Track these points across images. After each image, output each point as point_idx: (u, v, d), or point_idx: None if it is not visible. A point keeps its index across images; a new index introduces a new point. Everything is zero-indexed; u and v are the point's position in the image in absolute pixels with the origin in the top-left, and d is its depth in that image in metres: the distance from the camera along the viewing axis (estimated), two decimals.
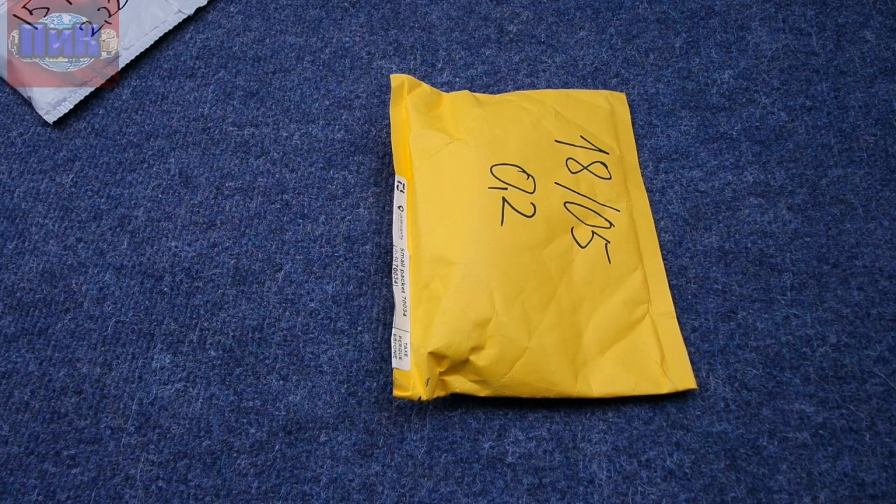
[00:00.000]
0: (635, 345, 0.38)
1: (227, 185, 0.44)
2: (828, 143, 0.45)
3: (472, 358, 0.36)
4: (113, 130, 0.47)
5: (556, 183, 0.41)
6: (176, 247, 0.42)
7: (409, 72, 0.49)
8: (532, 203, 0.40)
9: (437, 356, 0.36)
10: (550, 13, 0.51)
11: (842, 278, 0.41)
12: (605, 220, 0.41)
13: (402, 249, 0.37)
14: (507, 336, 0.36)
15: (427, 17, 0.51)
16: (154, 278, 0.41)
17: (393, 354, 0.35)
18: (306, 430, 0.37)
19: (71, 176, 0.45)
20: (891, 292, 0.40)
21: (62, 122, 0.47)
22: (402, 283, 0.37)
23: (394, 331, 0.36)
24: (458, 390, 0.36)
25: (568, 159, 0.43)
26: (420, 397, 0.35)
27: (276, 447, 0.36)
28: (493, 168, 0.40)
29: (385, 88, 0.48)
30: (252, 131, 0.46)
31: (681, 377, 0.38)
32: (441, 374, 0.36)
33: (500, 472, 0.36)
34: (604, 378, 0.37)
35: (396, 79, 0.43)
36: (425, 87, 0.44)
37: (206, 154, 0.46)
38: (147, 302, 0.40)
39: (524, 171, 0.41)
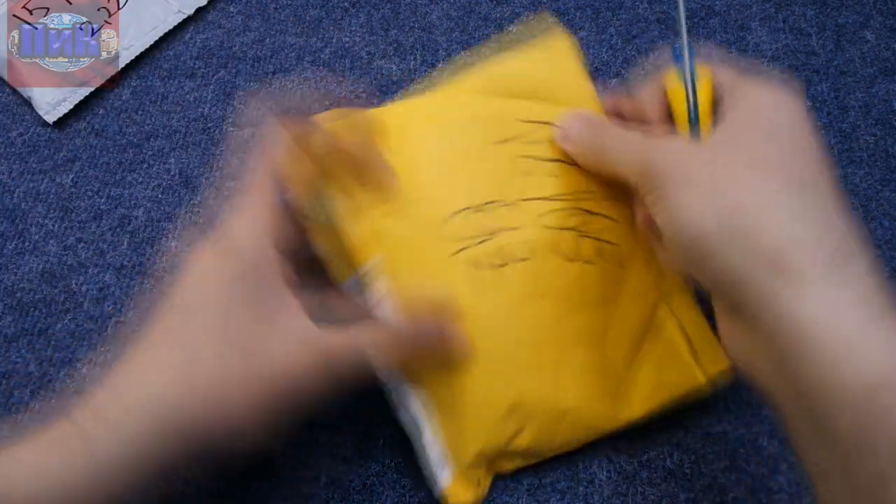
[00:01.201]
0: (661, 342, 0.36)
1: (227, 185, 0.44)
2: (828, 143, 0.45)
3: (516, 441, 0.33)
4: (113, 130, 0.47)
5: (521, 200, 0.34)
6: (176, 247, 0.42)
7: (409, 72, 0.48)
8: (509, 243, 0.34)
9: (479, 456, 0.33)
10: (550, 13, 0.51)
11: None
12: (587, 212, 0.35)
13: None
14: (543, 407, 0.33)
15: (427, 17, 0.51)
16: (154, 278, 0.41)
17: (434, 474, 0.33)
18: (306, 430, 0.37)
19: (71, 176, 0.45)
20: (891, 292, 0.40)
21: (62, 122, 0.47)
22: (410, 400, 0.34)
23: (422, 450, 0.33)
24: (509, 470, 0.35)
25: (521, 158, 0.35)
26: (477, 500, 0.33)
27: (276, 447, 0.36)
28: (454, 216, 0.33)
29: (386, 89, 0.48)
30: (252, 131, 0.46)
31: (713, 360, 0.35)
32: (487, 466, 0.34)
33: (500, 472, 0.36)
34: (642, 395, 0.35)
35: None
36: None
37: (206, 154, 0.46)
38: (147, 302, 0.40)
39: (483, 209, 0.34)
